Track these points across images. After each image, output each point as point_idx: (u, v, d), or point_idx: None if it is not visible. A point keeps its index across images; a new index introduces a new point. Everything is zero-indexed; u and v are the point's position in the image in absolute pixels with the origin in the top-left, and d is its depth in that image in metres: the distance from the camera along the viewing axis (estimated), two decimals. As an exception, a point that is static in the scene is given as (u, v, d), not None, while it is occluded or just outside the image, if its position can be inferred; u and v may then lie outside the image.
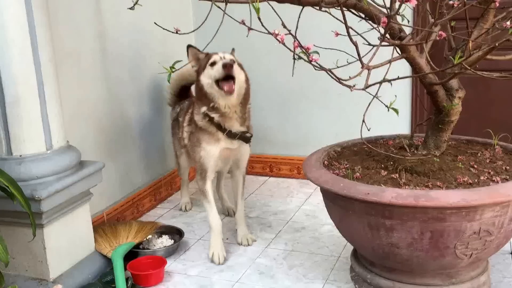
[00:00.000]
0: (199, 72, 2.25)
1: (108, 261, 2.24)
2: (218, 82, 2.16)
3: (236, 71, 2.17)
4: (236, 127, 2.26)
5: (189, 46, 2.31)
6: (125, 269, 2.17)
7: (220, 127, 2.25)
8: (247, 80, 2.28)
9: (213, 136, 2.27)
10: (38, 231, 1.94)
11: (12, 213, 1.93)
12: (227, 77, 2.13)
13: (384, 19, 1.30)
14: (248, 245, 2.45)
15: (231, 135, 2.26)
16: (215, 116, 2.23)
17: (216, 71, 2.16)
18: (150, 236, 2.47)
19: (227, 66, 2.11)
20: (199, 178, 2.36)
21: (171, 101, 2.87)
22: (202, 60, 2.27)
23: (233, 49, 2.37)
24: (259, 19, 1.36)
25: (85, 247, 2.21)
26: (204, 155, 2.29)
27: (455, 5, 1.36)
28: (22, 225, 1.97)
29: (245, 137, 2.31)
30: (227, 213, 2.86)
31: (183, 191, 2.97)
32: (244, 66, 2.35)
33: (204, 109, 2.24)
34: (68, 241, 2.10)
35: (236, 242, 2.49)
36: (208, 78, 2.20)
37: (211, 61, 2.21)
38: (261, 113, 3.26)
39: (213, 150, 2.28)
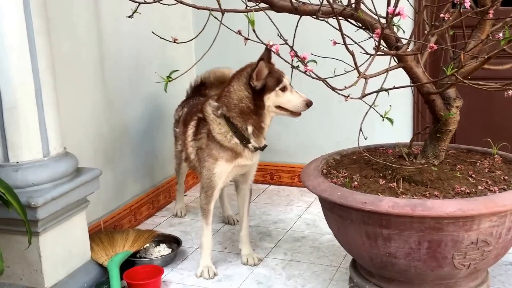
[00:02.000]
0: (264, 92, 2.19)
1: (104, 270, 2.29)
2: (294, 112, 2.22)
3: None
4: (263, 142, 2.31)
5: (260, 60, 2.21)
6: (121, 278, 2.23)
7: (246, 144, 2.25)
8: None
9: (236, 154, 2.26)
10: (34, 239, 1.98)
11: (7, 220, 1.98)
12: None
13: (378, 30, 1.38)
14: (255, 265, 2.42)
15: (256, 149, 2.29)
16: (252, 134, 2.24)
17: (294, 104, 2.19)
18: (147, 245, 2.53)
19: (308, 106, 2.19)
20: (204, 196, 2.33)
21: (189, 93, 2.89)
22: (267, 79, 2.19)
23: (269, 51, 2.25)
24: (254, 31, 1.44)
25: (81, 256, 2.26)
26: (218, 172, 2.27)
27: (446, 18, 1.43)
28: (18, 232, 2.02)
29: (263, 147, 2.35)
30: (227, 221, 2.91)
31: (179, 196, 3.03)
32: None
33: (250, 128, 2.22)
34: (63, 249, 2.16)
35: (241, 262, 2.46)
36: (273, 102, 2.20)
37: (281, 85, 2.19)
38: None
39: (228, 167, 2.27)
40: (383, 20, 1.53)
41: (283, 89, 2.20)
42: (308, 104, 2.20)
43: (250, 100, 2.19)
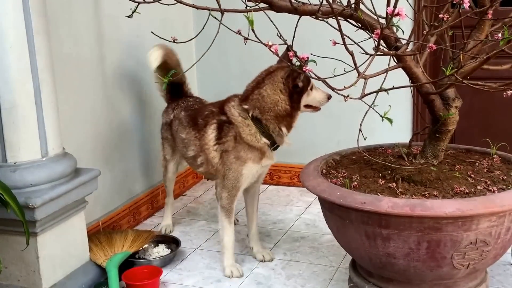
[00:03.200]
0: (301, 93, 2.27)
1: (103, 271, 2.31)
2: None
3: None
4: (282, 142, 2.37)
5: (282, 62, 2.27)
6: (120, 279, 2.24)
7: (272, 144, 2.33)
8: None
9: (262, 153, 2.33)
10: (32, 239, 1.99)
11: (5, 221, 1.99)
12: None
13: (377, 30, 1.39)
14: (271, 259, 2.49)
15: (276, 148, 2.38)
16: (284, 130, 2.31)
17: (319, 100, 2.31)
18: (146, 245, 2.54)
19: (329, 99, 2.31)
20: (227, 196, 2.35)
21: (166, 97, 2.84)
22: (302, 79, 2.24)
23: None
24: (253, 31, 1.45)
25: (79, 257, 2.27)
26: (246, 173, 2.32)
27: (445, 18, 1.45)
28: (15, 233, 2.03)
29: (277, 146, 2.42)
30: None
31: (167, 211, 2.88)
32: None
33: (284, 130, 2.30)
34: (62, 250, 2.17)
35: (254, 258, 2.52)
36: (305, 102, 2.29)
37: (311, 85, 2.29)
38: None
39: (255, 168, 2.33)
40: (382, 21, 1.55)
41: (312, 87, 2.30)
42: (329, 97, 2.31)
43: (287, 103, 2.25)
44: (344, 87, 1.54)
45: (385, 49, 1.74)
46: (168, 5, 1.65)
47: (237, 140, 2.30)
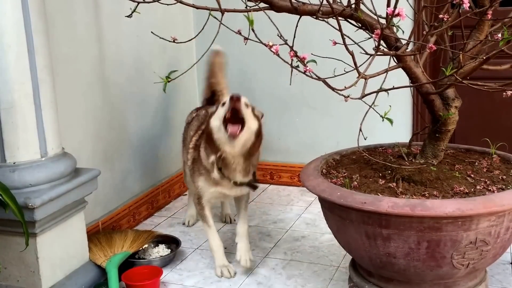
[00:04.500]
0: (210, 115, 2.22)
1: (103, 271, 2.32)
2: (226, 123, 2.09)
3: (247, 115, 2.10)
4: (239, 178, 2.25)
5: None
6: (120, 279, 2.25)
7: (224, 175, 2.24)
8: (259, 133, 2.19)
9: (214, 179, 2.28)
10: (31, 240, 1.99)
11: (4, 221, 2.00)
12: (234, 118, 2.06)
13: (377, 30, 1.41)
14: (247, 266, 2.37)
15: (236, 184, 2.27)
16: (219, 165, 2.22)
17: (224, 108, 2.10)
18: (146, 246, 2.55)
19: (234, 99, 2.03)
20: (197, 202, 2.41)
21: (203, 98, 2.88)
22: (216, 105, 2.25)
23: (262, 114, 2.28)
24: (253, 30, 1.47)
25: (79, 257, 2.28)
26: (202, 186, 2.34)
27: (445, 19, 1.46)
28: (15, 234, 2.03)
29: (251, 185, 2.32)
30: (224, 220, 2.95)
31: (190, 200, 2.92)
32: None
33: (212, 159, 2.20)
34: (61, 250, 2.17)
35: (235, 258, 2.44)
36: (217, 119, 2.14)
37: (222, 101, 2.17)
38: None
39: (211, 189, 2.33)
40: (382, 21, 1.56)
41: (224, 104, 2.14)
42: (231, 97, 2.07)
43: (207, 128, 2.21)
44: (345, 87, 1.55)
45: (385, 49, 1.75)
46: (168, 4, 1.66)
47: (198, 154, 2.35)
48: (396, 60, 1.84)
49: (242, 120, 2.08)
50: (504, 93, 1.72)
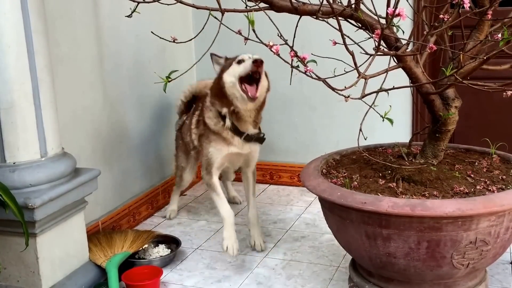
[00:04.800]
0: (222, 70, 2.31)
1: (103, 271, 2.31)
2: (241, 82, 2.22)
3: (263, 75, 2.25)
4: (251, 130, 2.38)
5: (212, 55, 2.39)
6: (120, 279, 2.25)
7: (235, 131, 2.35)
8: (268, 89, 2.38)
9: (225, 139, 2.38)
10: (31, 240, 1.99)
11: (4, 221, 1.99)
12: (252, 78, 2.19)
13: (377, 30, 1.40)
14: (261, 250, 2.54)
15: (247, 138, 2.38)
16: (233, 119, 2.33)
17: (243, 67, 2.20)
18: (146, 246, 2.55)
19: (258, 62, 2.14)
20: (205, 172, 2.46)
21: (179, 110, 2.97)
22: (226, 61, 2.35)
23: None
24: (254, 31, 1.46)
25: (79, 257, 2.28)
26: (212, 151, 2.40)
27: (445, 19, 1.46)
28: (15, 234, 2.03)
29: (260, 138, 2.44)
30: (233, 201, 3.05)
31: (174, 197, 3.04)
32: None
33: (225, 110, 2.31)
34: (61, 250, 2.17)
35: (249, 244, 2.59)
36: (232, 76, 2.24)
37: (238, 59, 2.27)
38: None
39: (223, 149, 2.39)
40: (382, 21, 1.56)
41: (240, 61, 2.26)
42: (255, 61, 2.17)
43: (219, 82, 2.32)
44: (345, 87, 1.55)
45: (385, 49, 1.75)
46: (168, 4, 1.65)
47: (204, 124, 2.44)
48: (396, 60, 1.83)
49: (258, 81, 2.20)
50: (504, 93, 1.72)
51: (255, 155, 2.51)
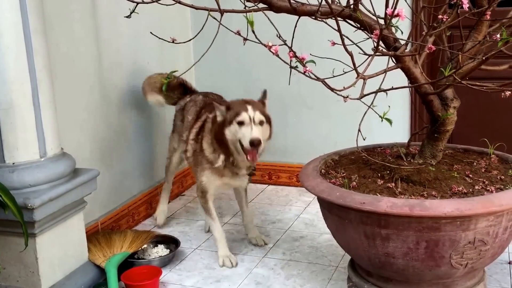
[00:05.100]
0: (224, 124, 2.27)
1: (102, 271, 2.31)
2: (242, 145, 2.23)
3: (263, 134, 2.23)
4: (244, 172, 2.42)
5: (213, 103, 2.36)
6: (119, 279, 2.25)
7: (229, 169, 2.39)
8: (270, 134, 2.35)
9: (218, 171, 2.40)
10: (30, 240, 1.99)
11: (3, 222, 1.99)
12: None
13: (376, 31, 1.40)
14: (265, 244, 2.62)
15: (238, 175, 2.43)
16: (220, 162, 2.35)
17: (243, 137, 2.19)
18: (145, 246, 2.55)
19: (255, 144, 2.16)
20: (201, 196, 2.50)
21: (170, 102, 2.90)
22: (227, 112, 2.27)
23: (265, 93, 2.37)
24: (253, 31, 1.46)
25: (78, 257, 2.27)
26: (205, 181, 2.44)
27: (444, 19, 1.46)
28: (14, 234, 2.03)
29: (251, 174, 2.48)
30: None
31: (162, 198, 2.92)
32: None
33: (222, 158, 2.33)
34: (60, 251, 2.17)
35: (249, 242, 2.66)
36: (233, 135, 2.25)
37: (239, 119, 2.22)
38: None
39: (215, 181, 2.44)
40: (381, 21, 1.56)
41: (240, 123, 2.22)
42: (252, 143, 2.16)
43: (221, 132, 2.29)
44: (344, 87, 1.54)
45: (384, 50, 1.74)
46: (167, 5, 1.65)
47: (201, 146, 2.42)
48: (394, 61, 1.83)
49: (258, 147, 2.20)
50: (502, 94, 1.71)
51: (246, 181, 2.54)
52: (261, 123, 2.24)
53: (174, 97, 2.86)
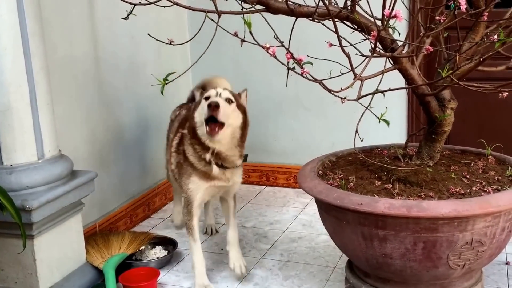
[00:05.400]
0: (195, 108, 2.17)
1: (100, 272, 2.30)
2: (207, 122, 2.04)
3: (228, 114, 2.05)
4: (238, 162, 2.21)
5: (193, 90, 2.22)
6: (117, 281, 2.24)
7: (221, 166, 2.17)
8: (244, 125, 2.16)
9: (205, 174, 2.18)
10: (28, 242, 1.99)
11: (1, 223, 1.98)
12: (212, 118, 2.01)
13: (374, 32, 1.39)
14: (242, 273, 2.30)
15: (226, 168, 2.19)
16: (208, 156, 2.14)
17: (202, 108, 2.07)
18: (143, 247, 2.53)
19: (212, 107, 1.99)
20: (186, 212, 2.26)
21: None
22: (201, 95, 2.17)
23: (245, 90, 2.25)
24: (251, 33, 1.45)
25: (76, 259, 2.26)
26: (192, 187, 2.21)
27: (441, 20, 1.45)
28: (12, 236, 2.01)
29: (245, 158, 2.27)
30: (205, 230, 2.82)
31: (176, 199, 2.87)
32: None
33: (208, 156, 2.13)
34: (58, 252, 2.16)
35: (229, 265, 2.35)
36: (199, 115, 2.10)
37: (206, 95, 2.11)
38: (257, 121, 3.34)
39: (203, 185, 2.20)
40: (378, 22, 1.55)
41: (207, 98, 2.08)
42: (209, 105, 2.00)
43: (191, 120, 2.16)
44: (341, 88, 1.53)
45: (381, 51, 1.74)
46: (164, 7, 1.64)
47: (185, 157, 2.23)
48: (392, 62, 1.82)
49: (216, 121, 2.03)
50: (500, 94, 1.71)
51: (237, 186, 2.31)
52: (228, 100, 2.07)
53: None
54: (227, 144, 2.12)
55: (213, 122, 2.02)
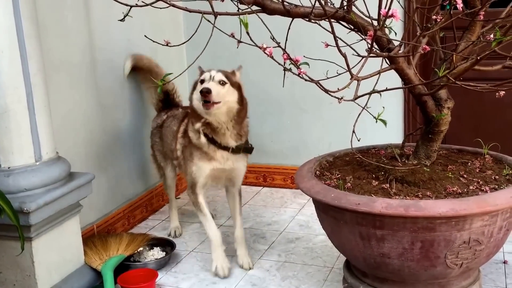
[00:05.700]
0: (194, 88, 2.29)
1: (98, 274, 2.29)
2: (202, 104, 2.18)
3: (222, 95, 2.17)
4: (232, 143, 2.28)
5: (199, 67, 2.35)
6: (116, 282, 2.23)
7: (215, 143, 2.26)
8: (241, 100, 2.26)
9: (207, 155, 2.29)
10: (26, 244, 1.98)
11: (-1, 226, 1.98)
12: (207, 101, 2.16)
13: (370, 32, 1.38)
14: (250, 268, 2.41)
15: (234, 150, 2.28)
16: (208, 132, 2.26)
17: (197, 91, 2.19)
18: (141, 249, 2.52)
19: (203, 93, 2.13)
20: (191, 191, 2.39)
21: (156, 107, 2.90)
22: (200, 76, 2.29)
23: (240, 66, 2.37)
24: (248, 33, 1.44)
25: (74, 261, 2.25)
26: (195, 170, 2.32)
27: (438, 20, 1.44)
28: (10, 238, 2.01)
29: (247, 148, 2.34)
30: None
31: (172, 214, 2.87)
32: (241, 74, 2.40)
33: (198, 125, 2.26)
34: (57, 254, 2.15)
35: (236, 263, 2.45)
36: (197, 95, 2.22)
37: (201, 78, 2.25)
38: (254, 122, 3.32)
39: (205, 167, 2.31)
40: (375, 22, 1.54)
41: (202, 81, 2.23)
42: (202, 91, 2.14)
43: (190, 100, 2.30)
44: (338, 89, 1.52)
45: (377, 51, 1.73)
46: (160, 8, 1.62)
47: (188, 137, 2.37)
48: (388, 62, 1.81)
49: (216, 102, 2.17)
50: (497, 94, 1.70)
51: (240, 173, 2.39)
52: (221, 82, 2.19)
53: (155, 103, 2.88)
54: (221, 115, 2.21)
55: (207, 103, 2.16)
